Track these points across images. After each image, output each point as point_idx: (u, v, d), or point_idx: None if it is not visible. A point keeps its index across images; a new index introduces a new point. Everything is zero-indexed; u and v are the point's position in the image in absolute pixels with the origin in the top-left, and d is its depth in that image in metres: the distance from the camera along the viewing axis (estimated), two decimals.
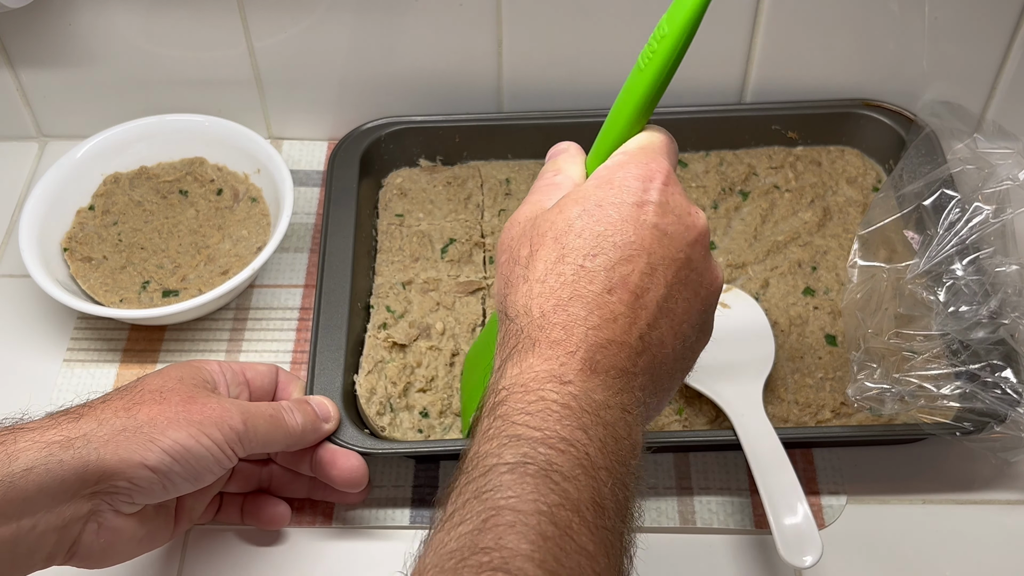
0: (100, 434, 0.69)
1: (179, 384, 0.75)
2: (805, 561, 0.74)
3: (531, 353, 0.60)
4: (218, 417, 0.73)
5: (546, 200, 0.67)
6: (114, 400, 0.72)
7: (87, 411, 0.71)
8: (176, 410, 0.72)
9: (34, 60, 1.08)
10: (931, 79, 1.07)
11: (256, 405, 0.77)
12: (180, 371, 0.77)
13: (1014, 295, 0.85)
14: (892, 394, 0.84)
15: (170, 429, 0.70)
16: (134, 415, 0.70)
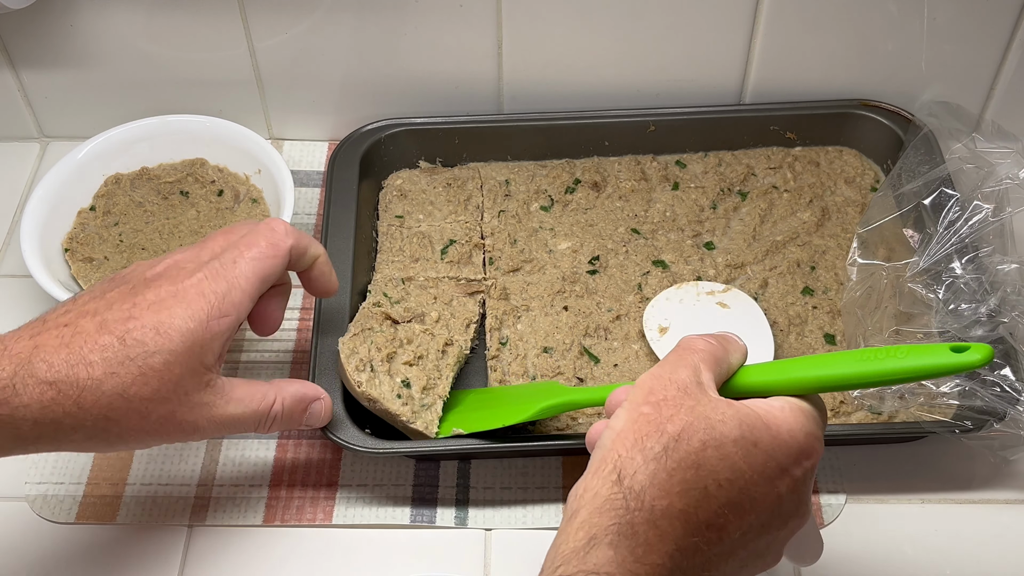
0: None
1: (173, 391, 0.73)
2: (807, 560, 0.74)
3: (624, 542, 0.60)
4: (184, 437, 0.75)
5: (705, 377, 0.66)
6: (98, 435, 0.72)
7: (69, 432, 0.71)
8: (152, 429, 0.73)
9: (35, 61, 1.08)
10: (929, 79, 1.07)
11: (237, 414, 0.77)
12: (187, 360, 0.73)
13: (1013, 294, 0.86)
14: (891, 392, 0.84)
15: (135, 444, 0.74)
16: (108, 430, 0.71)
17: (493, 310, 0.97)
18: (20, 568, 0.86)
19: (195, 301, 0.73)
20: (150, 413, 0.71)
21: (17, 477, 0.91)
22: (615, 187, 1.07)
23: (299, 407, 0.81)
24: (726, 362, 0.68)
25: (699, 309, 0.95)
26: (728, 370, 0.68)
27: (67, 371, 0.69)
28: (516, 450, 0.90)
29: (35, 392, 0.68)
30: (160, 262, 0.77)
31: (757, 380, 0.69)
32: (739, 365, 0.69)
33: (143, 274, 0.76)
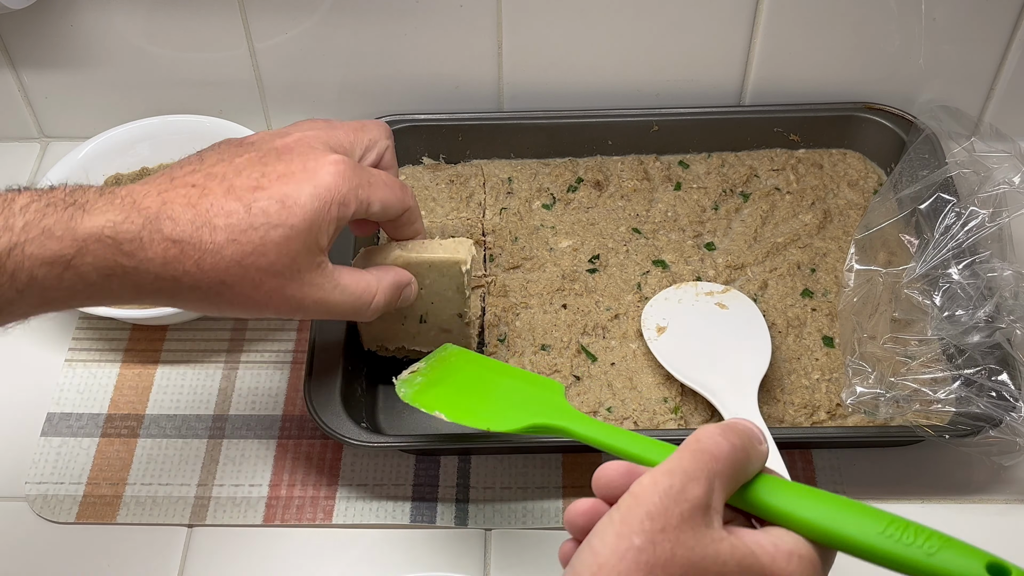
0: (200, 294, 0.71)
1: (289, 264, 0.72)
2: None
3: None
4: (288, 311, 0.75)
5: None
6: (224, 258, 0.70)
7: (195, 269, 0.70)
8: (260, 297, 0.72)
9: (36, 61, 1.09)
10: (929, 79, 1.07)
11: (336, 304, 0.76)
12: (306, 237, 0.72)
13: (1010, 299, 0.85)
14: (887, 398, 0.84)
15: (240, 311, 0.73)
16: (224, 292, 0.71)
17: (492, 307, 0.97)
18: (20, 568, 0.86)
19: (323, 181, 0.73)
20: (262, 284, 0.71)
21: (17, 477, 0.91)
22: (617, 186, 1.07)
23: (395, 295, 0.81)
24: (745, 474, 0.59)
25: (698, 309, 0.95)
26: (743, 481, 0.59)
27: (192, 232, 0.68)
28: (516, 446, 0.90)
29: (160, 248, 0.68)
30: (288, 133, 0.77)
31: (768, 501, 0.59)
32: (756, 472, 0.60)
33: (272, 142, 0.76)
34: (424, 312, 0.88)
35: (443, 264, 0.84)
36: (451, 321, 0.88)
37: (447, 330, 0.89)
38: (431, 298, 0.86)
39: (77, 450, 0.93)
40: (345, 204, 0.74)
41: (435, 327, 0.88)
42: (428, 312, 0.88)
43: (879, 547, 0.56)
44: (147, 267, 0.68)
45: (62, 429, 0.94)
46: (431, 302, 0.87)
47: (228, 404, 0.96)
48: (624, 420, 0.90)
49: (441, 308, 0.87)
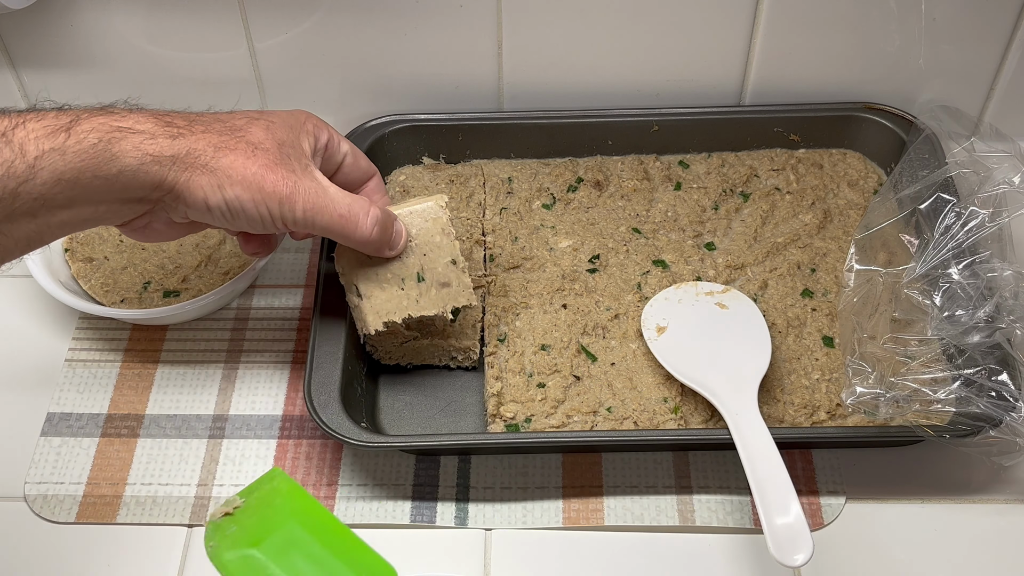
0: (186, 160, 0.75)
1: (276, 147, 0.79)
2: (796, 560, 0.74)
3: None
4: (284, 197, 0.78)
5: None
6: (214, 132, 0.77)
7: (187, 132, 0.76)
8: (254, 172, 0.76)
9: (36, 61, 1.08)
10: (929, 79, 1.07)
11: (331, 197, 0.80)
12: (286, 132, 0.81)
13: (1010, 299, 0.85)
14: (887, 399, 0.84)
15: (240, 187, 0.76)
16: (219, 158, 0.76)
17: (492, 307, 0.97)
18: (20, 568, 0.86)
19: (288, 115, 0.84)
20: (255, 152, 0.77)
21: (17, 477, 0.91)
22: (617, 186, 1.07)
23: (388, 224, 0.84)
24: None
25: (698, 309, 0.95)
26: None
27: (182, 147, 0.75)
28: (516, 447, 0.90)
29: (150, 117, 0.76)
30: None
31: None
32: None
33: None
34: (419, 268, 0.87)
35: (423, 210, 0.87)
36: (447, 271, 0.88)
37: (446, 283, 0.88)
38: (422, 250, 0.87)
39: (77, 450, 0.93)
40: (318, 126, 0.85)
41: (434, 283, 0.88)
42: (423, 267, 0.87)
43: None
44: (141, 127, 0.74)
45: (62, 429, 0.94)
46: (423, 254, 0.87)
47: (228, 404, 0.96)
48: (624, 420, 0.90)
49: (434, 259, 0.88)
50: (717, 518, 0.87)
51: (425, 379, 0.97)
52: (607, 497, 0.89)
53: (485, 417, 0.92)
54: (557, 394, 0.91)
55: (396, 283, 0.87)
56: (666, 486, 0.89)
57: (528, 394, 0.91)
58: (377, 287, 0.87)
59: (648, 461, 0.91)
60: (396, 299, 0.88)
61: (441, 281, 0.88)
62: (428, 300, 0.88)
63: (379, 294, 0.87)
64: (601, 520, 0.88)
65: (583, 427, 0.90)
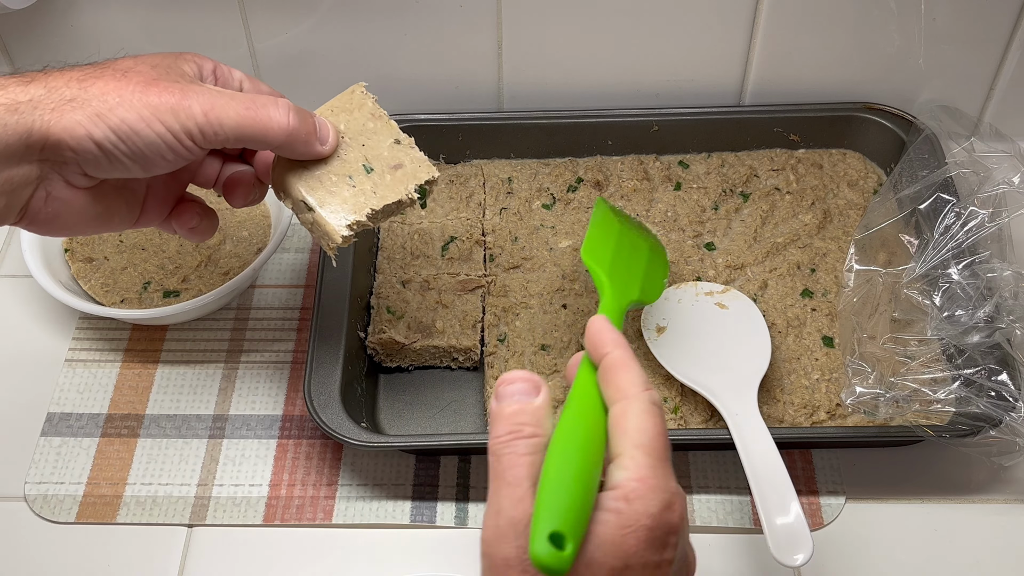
0: (47, 101, 0.66)
1: (148, 68, 0.70)
2: (796, 560, 0.75)
3: None
4: (175, 104, 0.68)
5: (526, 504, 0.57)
6: (73, 71, 0.68)
7: (40, 77, 0.67)
8: (132, 90, 0.67)
9: (36, 61, 1.08)
10: (929, 79, 1.07)
11: (229, 94, 0.70)
12: (159, 59, 0.72)
13: (1010, 299, 0.85)
14: (886, 399, 0.84)
15: (121, 108, 0.67)
16: (87, 87, 0.67)
17: (492, 307, 0.97)
18: (20, 568, 0.86)
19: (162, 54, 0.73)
20: (126, 74, 0.68)
21: (17, 477, 0.91)
22: (617, 186, 1.07)
23: (305, 118, 0.73)
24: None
25: (697, 309, 0.95)
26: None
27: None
28: None
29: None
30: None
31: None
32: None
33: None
34: (363, 160, 0.78)
35: (343, 102, 0.80)
36: (394, 153, 0.78)
37: (398, 165, 0.78)
38: (358, 141, 0.78)
39: (77, 450, 0.93)
40: (201, 56, 0.75)
41: (385, 169, 0.78)
42: (368, 157, 0.78)
43: None
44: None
45: (62, 429, 0.94)
46: (361, 144, 0.78)
47: (228, 404, 0.96)
48: None
49: (375, 145, 0.78)
50: (717, 518, 0.87)
51: (425, 379, 0.97)
52: None
53: (485, 417, 0.92)
54: (557, 394, 0.91)
55: (344, 183, 0.77)
56: None
57: None
58: (326, 192, 0.76)
59: None
60: (352, 198, 0.76)
61: (392, 164, 0.78)
62: (385, 188, 0.77)
63: (331, 199, 0.76)
64: None
65: None
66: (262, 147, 0.73)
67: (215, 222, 0.83)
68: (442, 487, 0.90)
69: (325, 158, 0.76)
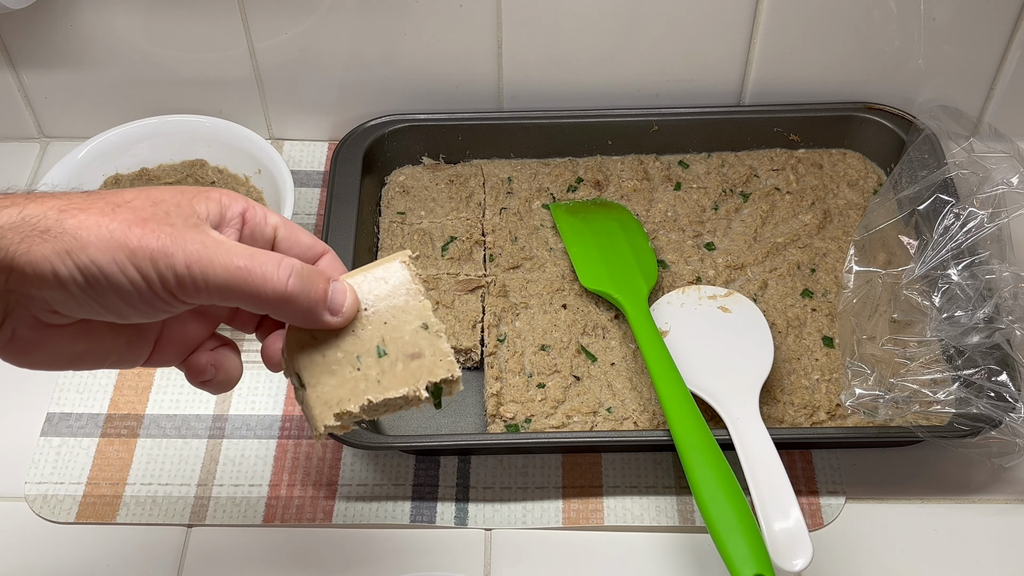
0: (19, 229, 0.58)
1: (148, 205, 0.61)
2: (795, 565, 0.75)
3: None
4: (156, 249, 0.58)
5: None
6: (58, 198, 0.60)
7: (20, 201, 0.59)
8: (114, 228, 0.58)
9: (36, 61, 1.09)
10: (929, 79, 1.07)
11: (227, 247, 0.60)
12: (170, 195, 0.62)
13: (1009, 300, 0.85)
14: (886, 400, 0.84)
15: (93, 247, 0.58)
16: (64, 219, 0.58)
17: (492, 307, 0.97)
18: (20, 568, 0.86)
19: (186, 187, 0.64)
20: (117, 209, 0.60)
21: (17, 477, 0.91)
22: (617, 186, 1.07)
23: (315, 279, 0.63)
24: None
25: (700, 313, 0.94)
26: None
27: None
28: (516, 447, 0.91)
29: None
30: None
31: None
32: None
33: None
34: (379, 340, 0.66)
35: (381, 272, 0.67)
36: (417, 339, 0.66)
37: (416, 354, 0.66)
38: (382, 318, 0.66)
39: (77, 450, 0.93)
40: (227, 195, 0.65)
41: (400, 356, 0.66)
42: (384, 338, 0.66)
43: None
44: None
45: (62, 429, 0.94)
46: (384, 322, 0.66)
47: (228, 404, 0.96)
48: (624, 420, 0.90)
49: (399, 326, 0.66)
50: None
51: None
52: (607, 497, 0.89)
53: (485, 417, 0.92)
54: (557, 394, 0.91)
55: (349, 363, 0.65)
56: (666, 486, 0.89)
57: (528, 394, 0.91)
58: (325, 371, 0.65)
59: (648, 461, 0.91)
60: (351, 383, 0.65)
61: (409, 352, 0.66)
62: (393, 378, 0.65)
63: (327, 380, 0.65)
64: (601, 520, 0.88)
65: (583, 427, 0.90)
66: (256, 310, 0.63)
67: (236, 375, 0.70)
68: (442, 487, 0.90)
69: (337, 330, 0.66)
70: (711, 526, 0.77)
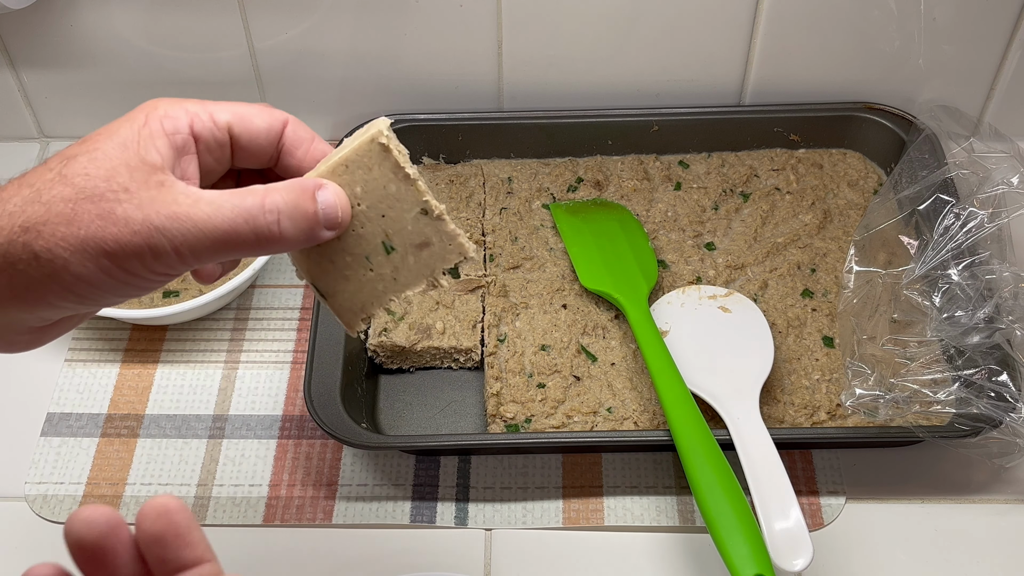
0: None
1: (102, 183, 0.56)
2: (795, 565, 0.75)
3: None
4: (139, 248, 0.56)
5: None
6: (13, 214, 0.56)
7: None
8: (86, 234, 0.55)
9: (35, 61, 1.09)
10: (929, 79, 1.07)
11: (206, 218, 0.57)
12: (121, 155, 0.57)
13: (1009, 300, 0.85)
14: (886, 400, 0.84)
15: (75, 265, 0.55)
16: (32, 242, 0.55)
17: (492, 307, 0.97)
18: (20, 568, 0.86)
19: (137, 108, 0.60)
20: (77, 214, 0.55)
21: (17, 477, 0.91)
22: (617, 186, 1.07)
23: (305, 202, 0.59)
24: None
25: (700, 313, 0.94)
26: None
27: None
28: (516, 447, 0.91)
29: None
30: None
31: None
32: None
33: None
34: (384, 235, 0.62)
35: (356, 154, 0.61)
36: (420, 227, 0.62)
37: (425, 243, 0.62)
38: (379, 211, 0.62)
39: (77, 450, 0.93)
40: (168, 115, 0.59)
41: (408, 248, 0.63)
42: (388, 232, 0.62)
43: None
44: None
45: (62, 429, 0.94)
46: (381, 215, 0.62)
47: (228, 404, 0.96)
48: (624, 420, 0.90)
49: (397, 216, 0.62)
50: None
51: (425, 379, 0.97)
52: (607, 497, 0.89)
53: (485, 417, 0.92)
54: (557, 394, 0.91)
55: (360, 265, 0.63)
56: (666, 486, 0.89)
57: (528, 394, 0.91)
58: (339, 278, 0.64)
59: (648, 461, 0.91)
60: (368, 285, 0.64)
61: (417, 243, 0.63)
62: (407, 272, 0.63)
63: (344, 287, 0.64)
64: (601, 520, 0.88)
65: (583, 427, 0.90)
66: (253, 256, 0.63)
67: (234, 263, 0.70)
68: (442, 487, 0.90)
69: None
70: (711, 526, 0.77)
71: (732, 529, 0.76)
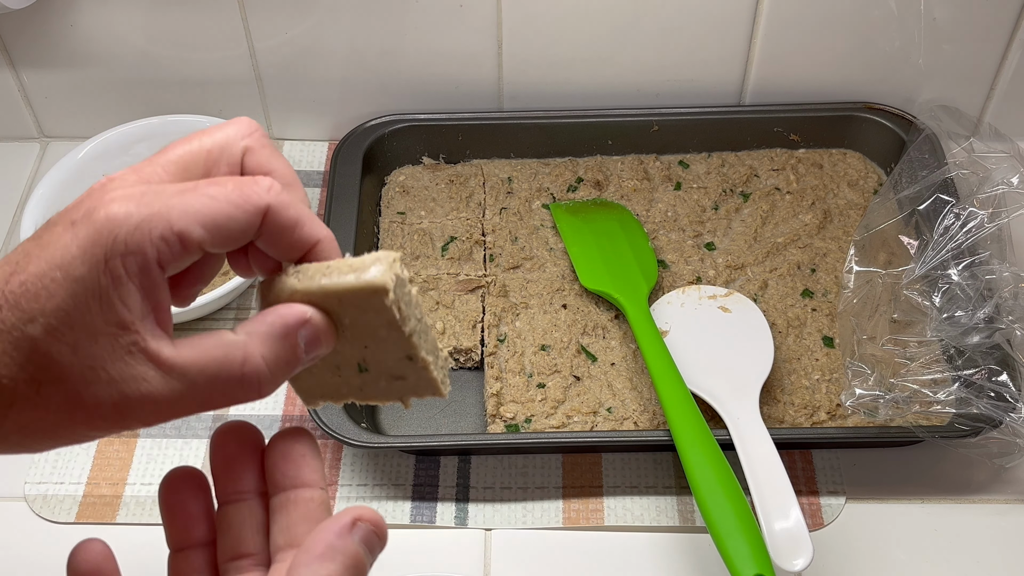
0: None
1: (67, 363, 0.46)
2: (795, 565, 0.75)
3: None
4: (107, 430, 0.49)
5: None
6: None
7: None
8: (50, 426, 0.48)
9: (36, 61, 1.09)
10: (929, 79, 1.07)
11: (184, 390, 0.48)
12: (75, 318, 0.46)
13: (1009, 300, 0.85)
14: (886, 400, 0.84)
15: (37, 448, 0.49)
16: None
17: (492, 307, 0.97)
18: (20, 568, 0.86)
19: (92, 233, 0.46)
20: (42, 398, 0.47)
21: (17, 477, 0.91)
22: (617, 186, 1.07)
23: (284, 347, 0.51)
24: None
25: (700, 313, 0.94)
26: None
27: None
28: (516, 447, 0.90)
29: None
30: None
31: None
32: None
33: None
34: (361, 359, 0.56)
35: (355, 294, 0.52)
36: (401, 366, 0.56)
37: (400, 376, 0.57)
38: (362, 340, 0.55)
39: (77, 450, 0.93)
40: (134, 251, 0.46)
41: (383, 375, 0.57)
42: (366, 358, 0.56)
43: None
44: None
45: None
46: (364, 346, 0.55)
47: None
48: (624, 420, 0.90)
49: (381, 352, 0.55)
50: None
51: None
52: (607, 497, 0.89)
53: (485, 417, 0.92)
54: (557, 394, 0.91)
55: (328, 368, 0.56)
56: (666, 486, 0.89)
57: (528, 394, 0.91)
58: (304, 370, 0.55)
59: (648, 461, 0.91)
60: (332, 384, 0.58)
61: (394, 374, 0.57)
62: (376, 390, 0.57)
63: (306, 376, 0.56)
64: (601, 520, 0.88)
65: (583, 427, 0.90)
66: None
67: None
68: (442, 487, 0.90)
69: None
70: (711, 526, 0.77)
71: (732, 529, 0.76)
